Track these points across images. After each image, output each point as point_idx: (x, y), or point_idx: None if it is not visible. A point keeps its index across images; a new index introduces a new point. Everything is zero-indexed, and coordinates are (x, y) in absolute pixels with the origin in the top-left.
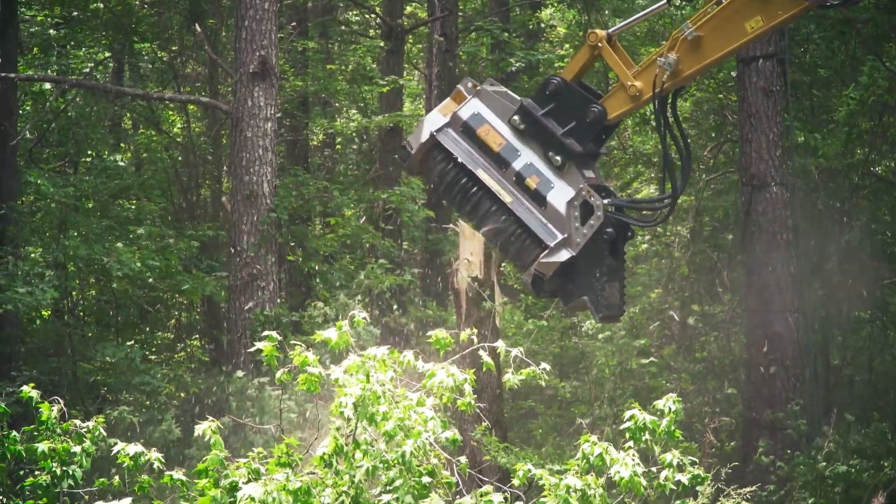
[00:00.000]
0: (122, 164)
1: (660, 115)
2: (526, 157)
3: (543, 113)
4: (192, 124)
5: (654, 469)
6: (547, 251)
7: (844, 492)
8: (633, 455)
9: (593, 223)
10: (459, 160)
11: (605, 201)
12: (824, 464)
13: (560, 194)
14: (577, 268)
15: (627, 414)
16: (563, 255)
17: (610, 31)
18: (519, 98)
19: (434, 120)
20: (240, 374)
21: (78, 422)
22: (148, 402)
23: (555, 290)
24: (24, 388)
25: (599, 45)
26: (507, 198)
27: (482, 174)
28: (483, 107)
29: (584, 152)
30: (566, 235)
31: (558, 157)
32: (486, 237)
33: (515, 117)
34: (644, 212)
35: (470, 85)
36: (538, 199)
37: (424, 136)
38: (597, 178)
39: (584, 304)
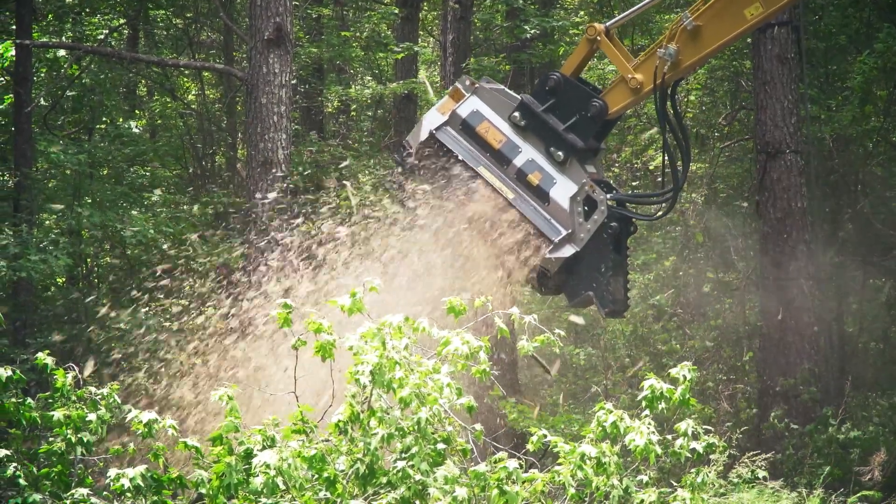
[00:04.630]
0: (136, 130)
1: (661, 106)
2: (527, 154)
3: (544, 109)
4: (206, 91)
5: (668, 437)
6: (551, 247)
7: (860, 457)
8: (649, 423)
9: (597, 218)
10: (460, 158)
11: (608, 196)
12: (837, 429)
13: (562, 190)
14: (581, 263)
15: (646, 383)
16: (568, 251)
17: (608, 24)
18: (518, 95)
19: (433, 118)
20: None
21: (93, 389)
22: (162, 370)
23: (559, 285)
24: (39, 354)
25: (598, 38)
26: (508, 194)
27: (484, 172)
28: (482, 104)
29: (585, 147)
30: (570, 231)
31: (560, 153)
32: None
33: (516, 114)
34: (646, 205)
35: (468, 83)
36: (541, 195)
37: (424, 135)
38: (598, 173)
39: (589, 299)
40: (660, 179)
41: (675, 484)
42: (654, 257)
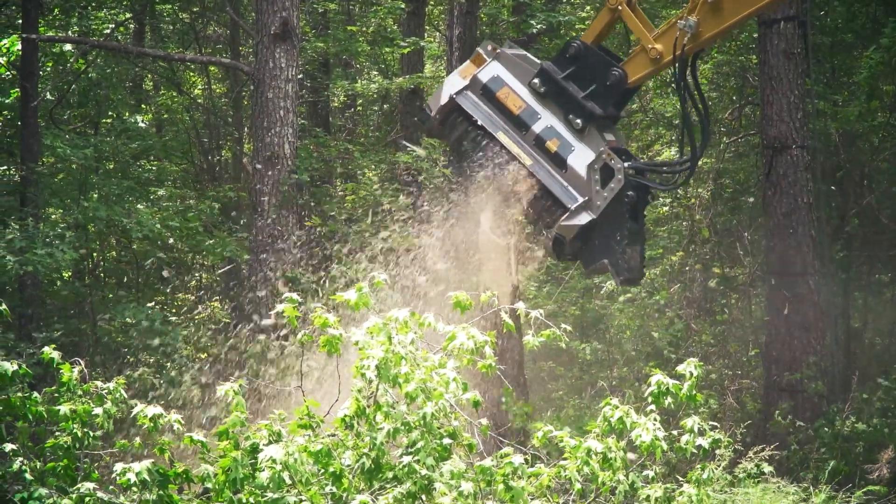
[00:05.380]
0: (142, 125)
1: (680, 78)
2: (546, 120)
3: (564, 76)
4: (213, 86)
5: (675, 433)
6: (567, 214)
7: (865, 451)
8: (655, 419)
9: (614, 186)
10: (479, 123)
11: (626, 164)
12: (843, 424)
13: (580, 157)
14: (597, 231)
15: (653, 379)
16: (584, 218)
17: None
18: (539, 61)
19: (454, 83)
20: (261, 336)
21: (99, 383)
22: (168, 364)
23: (575, 253)
24: (45, 349)
25: (619, 7)
26: (526, 160)
27: (502, 137)
28: (503, 69)
29: (604, 115)
30: (587, 198)
31: (579, 121)
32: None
33: (536, 80)
34: (664, 175)
35: (490, 48)
36: (558, 161)
37: (444, 99)
38: (617, 141)
39: (604, 267)
40: (676, 154)
41: (680, 479)
42: (660, 252)
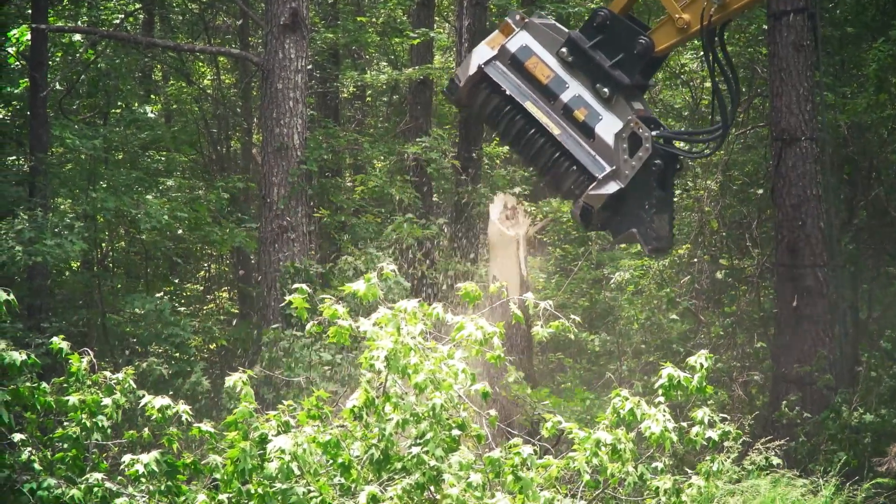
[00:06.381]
0: (151, 115)
1: (708, 47)
2: (574, 90)
3: (591, 45)
4: (222, 76)
5: (684, 424)
6: (595, 183)
7: (874, 442)
8: (664, 410)
9: (641, 155)
10: (507, 92)
11: (654, 133)
12: (850, 415)
13: (608, 126)
14: (625, 200)
15: (664, 372)
16: (612, 187)
17: None
18: (567, 30)
19: (482, 52)
20: (274, 325)
21: (108, 373)
22: (177, 354)
23: (604, 222)
24: (54, 339)
25: None
26: (555, 130)
27: (530, 106)
28: (531, 39)
29: (632, 84)
30: (614, 167)
31: (606, 90)
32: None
33: (563, 49)
34: (695, 143)
35: (518, 17)
36: (586, 130)
37: (472, 69)
38: (645, 111)
39: (633, 236)
40: (708, 118)
41: (689, 471)
42: None
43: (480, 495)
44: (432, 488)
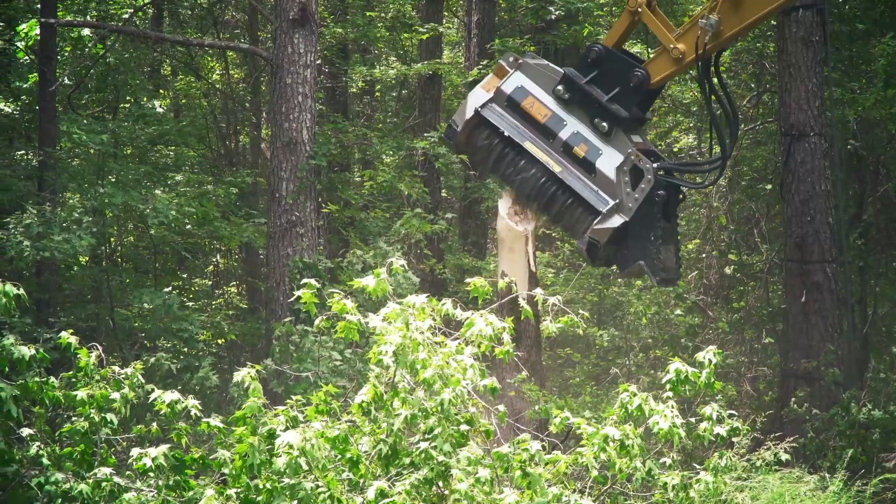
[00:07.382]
0: (160, 110)
1: (703, 76)
2: (572, 126)
3: (587, 81)
4: (231, 71)
5: (692, 420)
6: (599, 217)
7: (882, 438)
8: (672, 406)
9: (644, 187)
10: (506, 134)
11: (654, 164)
12: (859, 411)
13: (609, 160)
14: (630, 232)
15: (672, 367)
16: (616, 221)
17: None
18: (561, 69)
19: (478, 96)
20: (285, 319)
21: (116, 368)
22: (185, 349)
23: (610, 256)
24: (63, 334)
25: (639, 10)
26: (555, 168)
27: (530, 146)
28: (526, 79)
29: (630, 117)
30: (618, 201)
31: (604, 124)
32: (537, 211)
33: (559, 87)
34: (695, 173)
35: (511, 59)
36: (587, 166)
37: (469, 113)
38: (644, 143)
39: (640, 269)
40: (693, 152)
41: (697, 466)
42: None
43: (489, 490)
44: (440, 483)
